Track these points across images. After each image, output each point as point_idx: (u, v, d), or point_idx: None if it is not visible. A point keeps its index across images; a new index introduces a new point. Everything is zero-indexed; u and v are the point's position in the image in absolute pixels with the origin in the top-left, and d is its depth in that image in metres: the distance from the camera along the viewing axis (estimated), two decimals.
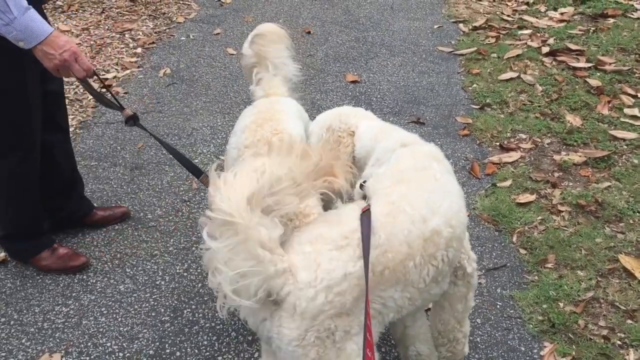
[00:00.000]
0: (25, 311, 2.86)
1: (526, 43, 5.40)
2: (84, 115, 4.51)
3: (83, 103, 4.65)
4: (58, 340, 2.72)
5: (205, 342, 2.69)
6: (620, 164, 3.74)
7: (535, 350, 2.62)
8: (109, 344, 2.69)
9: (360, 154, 2.31)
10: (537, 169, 3.77)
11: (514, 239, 3.24)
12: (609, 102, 4.36)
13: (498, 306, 2.85)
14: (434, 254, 1.85)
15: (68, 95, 4.72)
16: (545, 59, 5.08)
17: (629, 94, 4.44)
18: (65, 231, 3.30)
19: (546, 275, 2.97)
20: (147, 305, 2.89)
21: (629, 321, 2.70)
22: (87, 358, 2.63)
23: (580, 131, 4.07)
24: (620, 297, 2.82)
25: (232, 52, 5.51)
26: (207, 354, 2.64)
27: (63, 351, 2.66)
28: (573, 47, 5.18)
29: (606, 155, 3.79)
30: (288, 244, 1.77)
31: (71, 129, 4.31)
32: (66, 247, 3.13)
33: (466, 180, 3.73)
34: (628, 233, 3.19)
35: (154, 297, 2.94)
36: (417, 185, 1.94)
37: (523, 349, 2.63)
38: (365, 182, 2.04)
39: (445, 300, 2.17)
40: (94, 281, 3.03)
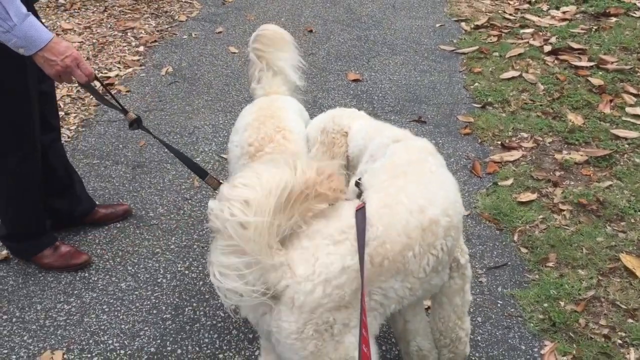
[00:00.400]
0: (27, 308, 2.87)
1: (528, 42, 5.39)
2: (86, 114, 4.52)
3: (85, 101, 4.66)
4: (60, 337, 2.73)
5: (207, 340, 2.70)
6: (621, 163, 3.74)
7: (536, 349, 2.62)
8: (110, 342, 2.70)
9: (353, 153, 2.36)
10: (539, 168, 3.77)
11: (515, 237, 3.24)
12: (610, 101, 4.36)
13: (499, 305, 2.85)
14: (433, 243, 1.87)
15: (70, 93, 4.74)
16: (547, 58, 5.08)
17: (630, 93, 4.44)
18: (67, 229, 3.31)
19: (547, 274, 2.97)
20: (149, 302, 2.90)
21: (630, 320, 2.70)
22: (89, 355, 2.64)
23: (582, 130, 4.07)
24: (621, 296, 2.82)
25: (234, 51, 5.51)
26: (208, 351, 2.65)
27: (65, 348, 2.67)
28: (575, 46, 5.17)
29: (608, 154, 3.79)
30: (287, 240, 1.78)
31: (73, 127, 4.33)
32: (68, 245, 3.14)
33: (467, 179, 3.73)
34: (629, 232, 3.19)
35: (155, 294, 2.95)
36: (413, 178, 1.97)
37: (524, 347, 2.63)
38: (360, 179, 2.07)
39: (443, 296, 2.18)
40: (96, 279, 3.04)
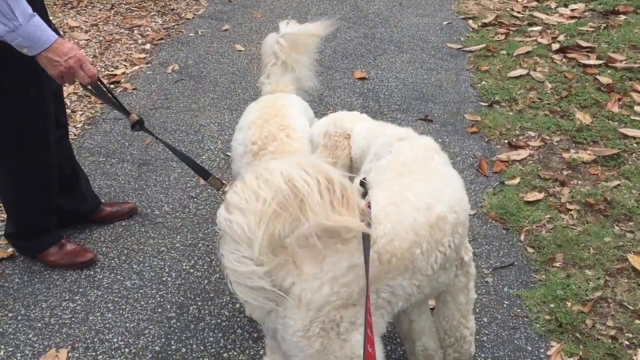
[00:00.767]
0: (32, 306, 2.87)
1: (536, 40, 5.35)
2: (93, 112, 4.52)
3: (92, 99, 4.66)
4: (65, 335, 2.73)
5: (211, 339, 2.69)
6: (630, 162, 3.70)
7: (542, 350, 2.60)
8: (115, 340, 2.70)
9: (356, 154, 2.38)
10: (546, 167, 3.74)
11: (522, 237, 3.22)
12: (619, 99, 4.32)
13: (505, 305, 2.83)
14: (441, 240, 1.87)
15: (77, 91, 4.74)
16: (555, 56, 5.04)
17: (639, 92, 4.39)
18: (72, 227, 3.32)
19: (554, 275, 2.94)
20: (154, 301, 2.90)
21: (637, 321, 2.68)
22: (93, 354, 2.64)
23: (590, 129, 4.04)
24: (628, 297, 2.80)
25: (240, 49, 5.50)
26: (213, 350, 2.64)
27: (70, 346, 2.67)
28: (583, 44, 5.13)
29: (616, 153, 3.76)
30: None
31: (80, 125, 4.34)
32: (74, 243, 3.15)
33: (474, 178, 3.71)
34: (637, 232, 3.16)
35: (160, 293, 2.95)
36: (419, 176, 1.97)
37: (530, 348, 2.61)
38: (365, 179, 2.07)
39: (448, 294, 2.18)
40: (101, 277, 3.04)
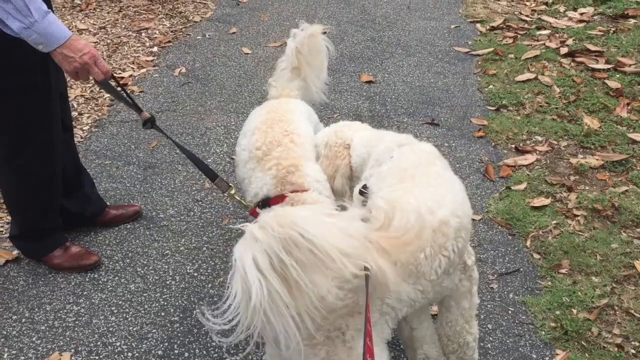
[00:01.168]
0: (36, 309, 2.88)
1: (544, 44, 5.32)
2: (99, 114, 4.54)
3: (98, 102, 4.68)
4: (68, 338, 2.73)
5: (214, 344, 2.69)
6: (638, 168, 3.67)
7: (547, 358, 2.57)
8: (118, 344, 2.70)
9: (356, 163, 2.41)
10: (553, 172, 3.71)
11: (528, 243, 3.19)
12: (628, 104, 4.28)
13: (510, 312, 2.81)
14: (444, 244, 1.86)
15: (84, 94, 4.76)
16: (564, 60, 5.01)
17: None
18: (77, 230, 3.32)
19: (560, 281, 2.92)
20: (157, 305, 2.90)
21: None
22: (96, 357, 2.64)
23: (598, 134, 4.01)
24: (635, 305, 2.77)
25: (247, 52, 5.51)
26: (215, 355, 2.64)
27: (73, 350, 2.67)
28: (592, 48, 5.10)
29: (624, 158, 3.72)
30: None
31: (86, 128, 4.35)
32: (78, 246, 3.15)
33: (480, 182, 3.68)
34: None
35: (164, 297, 2.95)
36: (421, 181, 1.97)
37: (534, 356, 2.59)
38: (364, 188, 2.08)
39: (451, 299, 2.17)
40: (105, 280, 3.05)
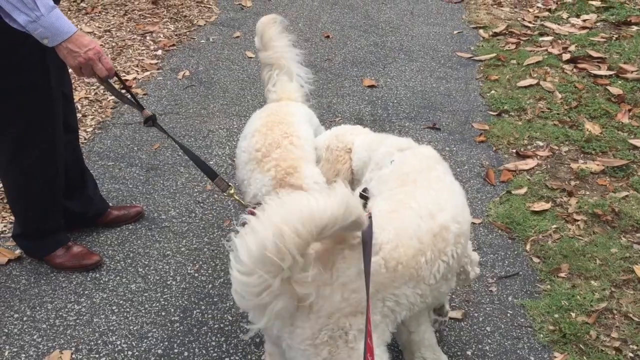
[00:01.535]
0: (38, 308, 2.90)
1: (547, 50, 5.34)
2: (103, 116, 4.57)
3: (102, 104, 4.72)
4: (69, 337, 2.75)
5: (214, 343, 2.70)
6: (639, 174, 3.68)
7: None
8: (118, 342, 2.72)
9: (357, 166, 2.44)
10: (554, 177, 3.72)
11: (528, 247, 3.20)
12: (629, 110, 4.29)
13: (509, 315, 2.81)
14: (444, 249, 1.88)
15: (88, 96, 4.79)
16: (566, 66, 5.03)
17: None
18: (80, 230, 3.35)
19: (559, 285, 2.93)
20: (158, 304, 2.92)
21: None
22: (97, 356, 2.66)
23: (599, 139, 4.02)
24: (634, 309, 2.77)
25: (250, 55, 5.54)
26: (215, 354, 2.65)
27: (73, 348, 2.69)
28: (594, 54, 5.11)
29: (625, 164, 3.73)
30: None
31: (90, 129, 4.38)
32: (80, 245, 3.18)
33: (481, 187, 3.70)
34: None
35: (164, 296, 2.96)
36: (423, 185, 2.00)
37: (533, 358, 2.59)
38: (365, 191, 2.09)
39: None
40: (106, 279, 3.07)
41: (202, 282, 3.04)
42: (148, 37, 5.87)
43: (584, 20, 5.88)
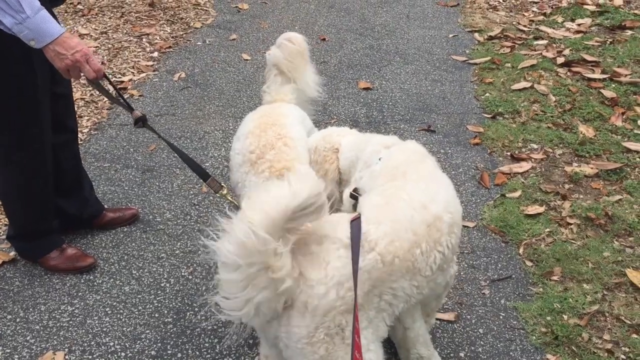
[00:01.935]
0: (31, 309, 2.90)
1: (541, 53, 5.36)
2: (99, 117, 4.57)
3: (98, 105, 4.72)
4: (62, 338, 2.75)
5: (207, 345, 2.71)
6: (632, 177, 3.69)
7: None
8: (111, 344, 2.72)
9: (345, 166, 2.45)
10: (548, 180, 3.74)
11: (521, 250, 3.21)
12: (623, 113, 4.32)
13: (501, 317, 2.83)
14: (439, 239, 1.90)
15: (84, 97, 4.80)
16: (560, 70, 5.05)
17: None
18: (74, 232, 3.35)
19: (551, 288, 2.94)
20: (151, 306, 2.92)
21: (634, 335, 2.66)
22: (90, 357, 2.66)
23: (593, 142, 4.04)
24: (626, 311, 2.78)
25: (246, 58, 5.55)
26: (208, 356, 2.65)
27: (67, 349, 2.69)
28: (589, 58, 5.13)
29: (618, 167, 3.75)
30: (294, 246, 1.80)
31: (85, 130, 4.39)
32: (75, 248, 3.18)
33: (475, 190, 3.71)
34: (637, 247, 3.15)
35: (158, 298, 2.97)
36: (412, 177, 2.02)
37: None
38: (355, 191, 2.11)
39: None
40: (100, 281, 3.07)
41: (196, 285, 3.05)
42: (144, 39, 5.88)
43: (579, 25, 5.91)
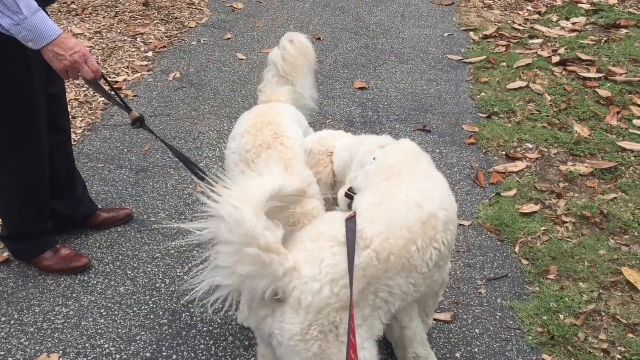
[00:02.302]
0: (25, 311, 2.88)
1: (537, 52, 5.36)
2: (93, 118, 4.55)
3: (93, 105, 4.70)
4: (57, 340, 2.73)
5: (202, 346, 2.69)
6: (627, 176, 3.70)
7: None
8: (106, 346, 2.70)
9: (339, 167, 2.45)
10: (543, 179, 3.74)
11: (517, 249, 3.21)
12: (618, 112, 4.32)
13: (498, 317, 2.82)
14: (435, 237, 1.91)
15: (78, 97, 4.78)
16: (555, 69, 5.05)
17: (639, 105, 4.39)
18: (68, 232, 3.33)
19: (547, 287, 2.94)
20: (147, 307, 2.91)
21: (630, 335, 2.66)
22: (85, 359, 2.64)
23: (588, 142, 4.04)
24: (622, 311, 2.78)
25: (241, 57, 5.54)
26: (204, 358, 2.64)
27: (61, 352, 2.68)
28: (584, 57, 5.14)
29: (613, 166, 3.75)
30: (290, 243, 1.82)
31: (79, 131, 4.36)
32: (69, 248, 3.16)
33: (470, 189, 3.71)
34: (633, 246, 3.15)
35: (153, 299, 2.95)
36: (408, 176, 2.02)
37: None
38: (350, 191, 2.12)
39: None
40: (95, 282, 3.05)
41: (192, 285, 3.03)
42: (139, 39, 5.86)
43: (574, 24, 5.92)
